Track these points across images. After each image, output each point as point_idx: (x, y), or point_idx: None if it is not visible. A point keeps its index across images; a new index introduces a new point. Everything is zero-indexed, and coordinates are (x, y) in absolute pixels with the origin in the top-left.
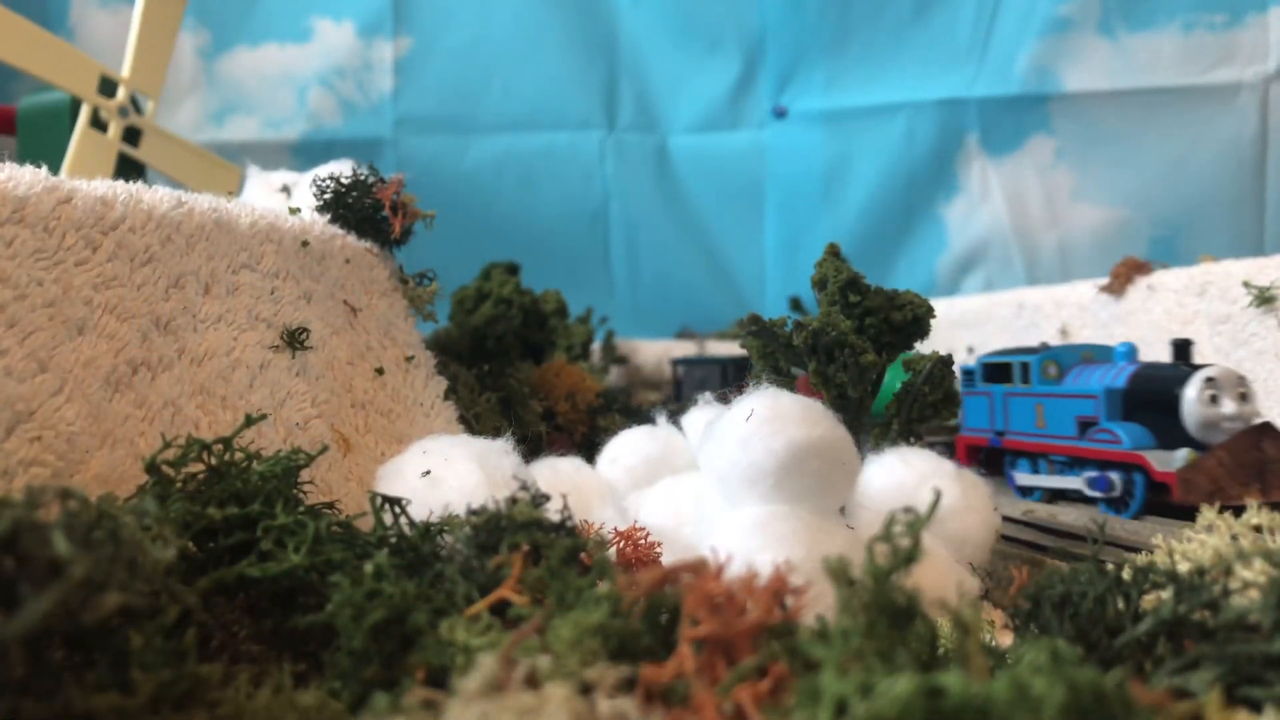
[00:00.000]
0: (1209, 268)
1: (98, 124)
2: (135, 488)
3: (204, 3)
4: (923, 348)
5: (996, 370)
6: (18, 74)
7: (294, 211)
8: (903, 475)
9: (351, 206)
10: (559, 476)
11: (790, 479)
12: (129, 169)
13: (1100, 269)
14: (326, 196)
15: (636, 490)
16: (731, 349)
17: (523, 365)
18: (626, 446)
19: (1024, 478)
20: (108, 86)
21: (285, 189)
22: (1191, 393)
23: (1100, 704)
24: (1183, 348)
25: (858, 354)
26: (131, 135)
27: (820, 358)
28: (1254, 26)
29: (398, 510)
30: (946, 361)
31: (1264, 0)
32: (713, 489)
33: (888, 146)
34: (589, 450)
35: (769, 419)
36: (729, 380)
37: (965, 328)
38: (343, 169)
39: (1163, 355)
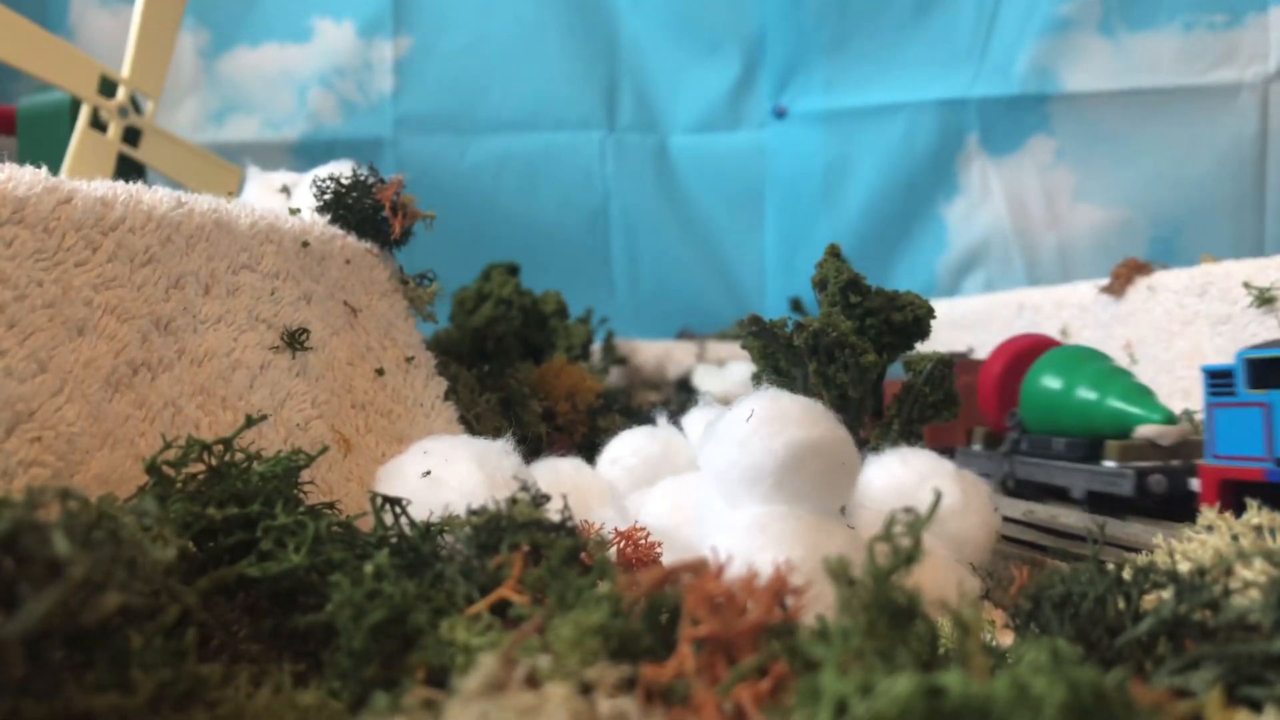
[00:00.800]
0: (1209, 268)
1: (98, 124)
2: (135, 488)
3: (204, 3)
4: (923, 348)
5: (1278, 369)
6: (18, 74)
7: (294, 212)
8: (903, 475)
9: (351, 207)
10: (559, 477)
11: (790, 479)
12: (129, 169)
13: (1101, 269)
14: (326, 197)
15: (637, 490)
16: None
17: (523, 366)
18: (627, 447)
19: None
20: (108, 87)
21: (285, 189)
22: None
23: (1100, 704)
24: None
25: (858, 354)
26: (131, 135)
27: (821, 358)
28: (1254, 26)
29: (398, 510)
30: (947, 362)
31: (1264, 0)
32: (713, 489)
33: (888, 147)
34: (589, 451)
35: (769, 419)
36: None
37: (966, 329)
38: (343, 169)
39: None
